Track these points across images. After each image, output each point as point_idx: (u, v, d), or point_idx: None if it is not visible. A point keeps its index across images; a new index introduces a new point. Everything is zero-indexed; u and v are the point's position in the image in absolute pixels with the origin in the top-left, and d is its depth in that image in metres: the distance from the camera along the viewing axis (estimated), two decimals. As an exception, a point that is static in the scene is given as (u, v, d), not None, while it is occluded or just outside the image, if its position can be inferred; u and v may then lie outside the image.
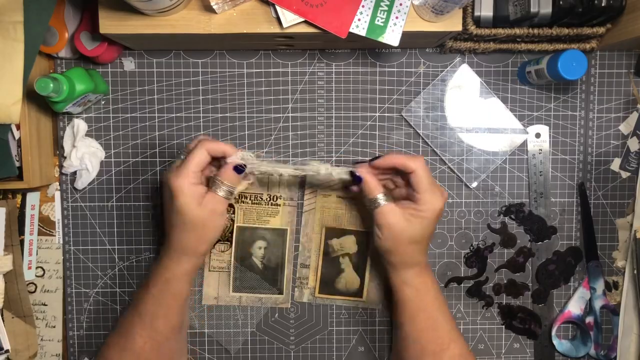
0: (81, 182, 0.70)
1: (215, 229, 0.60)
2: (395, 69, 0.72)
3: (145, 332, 0.60)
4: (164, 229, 0.61)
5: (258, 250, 0.72)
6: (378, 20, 0.58)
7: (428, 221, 0.59)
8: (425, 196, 0.58)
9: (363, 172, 0.60)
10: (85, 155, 0.69)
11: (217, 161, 0.61)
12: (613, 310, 0.73)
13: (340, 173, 0.62)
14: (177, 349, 0.64)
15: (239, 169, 0.59)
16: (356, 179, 0.61)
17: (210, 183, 0.60)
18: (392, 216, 0.59)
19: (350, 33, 0.58)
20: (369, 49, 0.71)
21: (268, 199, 0.71)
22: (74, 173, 0.71)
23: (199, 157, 0.57)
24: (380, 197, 0.59)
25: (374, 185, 0.60)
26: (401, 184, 0.63)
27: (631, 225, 0.72)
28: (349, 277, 0.72)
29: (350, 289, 0.72)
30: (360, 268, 0.72)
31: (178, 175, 0.56)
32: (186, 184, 0.56)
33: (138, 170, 0.71)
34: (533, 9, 0.61)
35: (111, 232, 0.72)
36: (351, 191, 0.66)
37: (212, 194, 0.58)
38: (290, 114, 0.72)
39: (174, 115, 0.71)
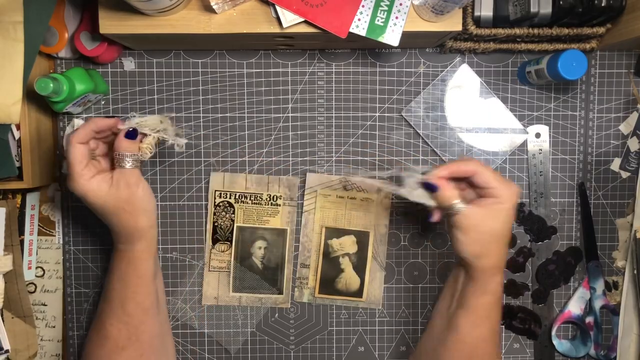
0: (81, 182, 0.70)
1: (142, 198, 0.58)
2: (395, 69, 0.72)
3: (117, 319, 0.60)
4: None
5: (258, 250, 0.72)
6: (378, 20, 0.58)
7: (508, 211, 0.56)
8: (499, 186, 0.56)
9: (436, 180, 0.58)
10: (85, 155, 0.69)
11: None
12: (613, 310, 0.73)
13: (419, 195, 0.59)
14: (157, 333, 0.62)
15: (130, 134, 0.58)
16: (432, 188, 0.58)
17: (114, 160, 0.58)
18: (475, 217, 0.56)
19: (350, 33, 0.58)
20: (369, 49, 0.71)
21: (268, 199, 0.71)
22: (74, 173, 0.71)
23: (75, 153, 0.56)
24: (458, 203, 0.57)
25: (450, 192, 0.57)
26: (465, 188, 0.60)
27: (631, 225, 0.72)
28: (348, 277, 0.72)
29: (350, 289, 0.72)
30: (360, 268, 0.72)
31: (71, 181, 0.56)
32: (82, 184, 0.56)
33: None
34: (533, 9, 0.61)
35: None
36: (431, 221, 0.61)
37: (119, 170, 0.57)
38: (290, 114, 0.72)
39: (174, 115, 0.71)
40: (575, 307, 0.73)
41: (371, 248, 0.72)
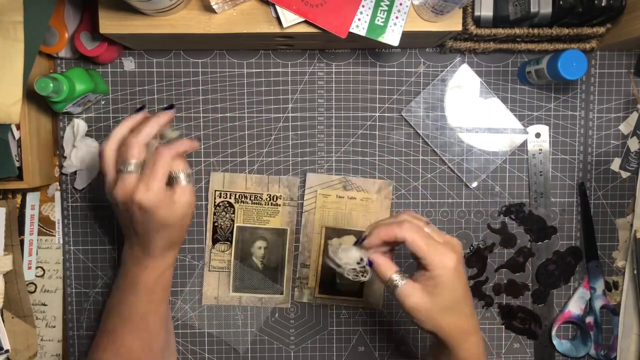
0: (81, 182, 0.70)
1: (190, 215, 0.58)
2: (395, 69, 0.72)
3: (137, 331, 0.60)
4: (127, 235, 0.59)
5: (258, 250, 0.72)
6: (378, 20, 0.58)
7: (448, 284, 0.51)
8: (431, 258, 0.50)
9: (372, 254, 0.54)
10: (86, 155, 0.69)
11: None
12: (613, 310, 0.73)
13: (349, 264, 0.55)
14: (165, 342, 0.64)
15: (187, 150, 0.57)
16: (369, 263, 0.54)
17: (170, 179, 0.56)
18: (413, 296, 0.51)
19: (350, 33, 0.58)
20: (369, 49, 0.71)
21: (268, 199, 0.71)
22: (74, 173, 0.71)
23: (165, 167, 0.54)
24: (395, 278, 0.52)
25: (385, 267, 0.53)
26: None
27: (631, 225, 0.72)
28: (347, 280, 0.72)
29: (350, 289, 0.72)
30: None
31: (148, 190, 0.53)
32: (159, 195, 0.53)
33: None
34: (533, 9, 0.61)
35: (111, 232, 0.72)
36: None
37: (180, 187, 0.55)
38: (290, 114, 0.72)
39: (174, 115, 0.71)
40: (575, 307, 0.73)
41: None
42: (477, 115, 0.72)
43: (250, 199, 0.71)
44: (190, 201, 0.56)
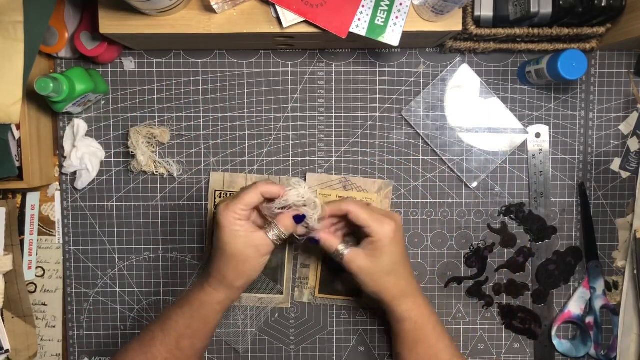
0: (81, 182, 0.70)
1: (254, 267, 0.59)
2: (395, 69, 0.72)
3: (168, 350, 0.59)
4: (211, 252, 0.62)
5: (258, 250, 0.72)
6: (378, 20, 0.58)
7: (387, 247, 0.60)
8: (372, 226, 0.59)
9: (318, 233, 0.62)
10: (85, 155, 0.69)
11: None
12: (613, 310, 0.73)
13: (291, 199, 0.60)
14: None
15: (298, 218, 0.59)
16: (313, 242, 0.62)
17: (265, 222, 0.61)
18: (357, 260, 0.60)
19: (350, 33, 0.58)
20: (369, 49, 0.71)
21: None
22: (74, 173, 0.71)
23: (250, 198, 0.58)
24: (341, 248, 0.61)
25: (330, 242, 0.61)
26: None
27: (631, 225, 0.72)
28: (349, 277, 0.72)
29: (350, 289, 0.72)
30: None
31: (226, 209, 0.58)
32: (230, 218, 0.57)
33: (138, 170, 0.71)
34: (533, 9, 0.61)
35: (111, 232, 0.72)
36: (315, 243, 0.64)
37: (262, 233, 0.59)
38: (290, 114, 0.72)
39: (174, 115, 0.71)
40: (575, 307, 0.73)
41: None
42: (477, 115, 0.72)
43: (250, 199, 0.71)
44: (260, 249, 0.58)
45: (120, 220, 0.72)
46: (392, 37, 0.59)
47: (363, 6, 0.58)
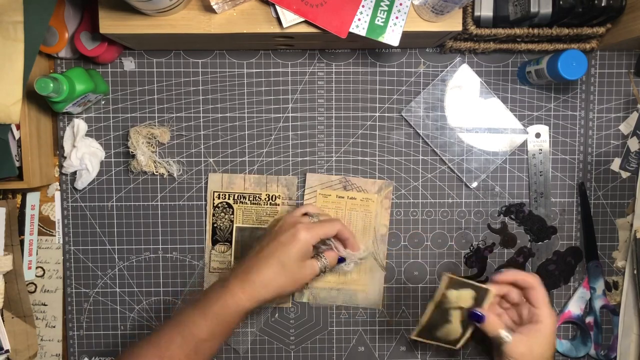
0: (81, 182, 0.70)
1: (290, 290, 0.61)
2: (395, 69, 0.72)
3: (185, 352, 0.57)
4: (237, 265, 0.61)
5: (258, 250, 0.72)
6: (378, 20, 0.58)
7: (549, 335, 0.59)
8: (545, 311, 0.59)
9: (485, 311, 0.60)
10: (85, 155, 0.69)
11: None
12: (613, 310, 0.73)
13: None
14: None
15: (341, 259, 0.65)
16: (478, 319, 0.61)
17: (315, 252, 0.63)
18: (521, 346, 0.59)
19: (350, 33, 0.58)
20: (369, 49, 0.71)
21: (267, 199, 0.71)
22: (74, 173, 0.71)
23: (331, 231, 0.62)
24: (504, 334, 0.59)
25: (495, 324, 0.60)
26: (513, 301, 0.63)
27: (631, 225, 0.72)
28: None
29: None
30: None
31: (308, 231, 0.60)
32: (309, 239, 0.60)
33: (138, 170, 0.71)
34: (533, 9, 0.61)
35: (111, 232, 0.72)
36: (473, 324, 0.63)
37: (314, 261, 0.62)
38: (290, 114, 0.72)
39: (174, 115, 0.71)
40: (575, 307, 0.73)
41: (370, 247, 0.72)
42: (477, 115, 0.72)
43: (249, 199, 0.71)
44: (306, 275, 0.61)
45: (120, 220, 0.72)
46: (392, 37, 0.59)
47: (363, 6, 0.58)
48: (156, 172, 0.71)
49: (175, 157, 0.71)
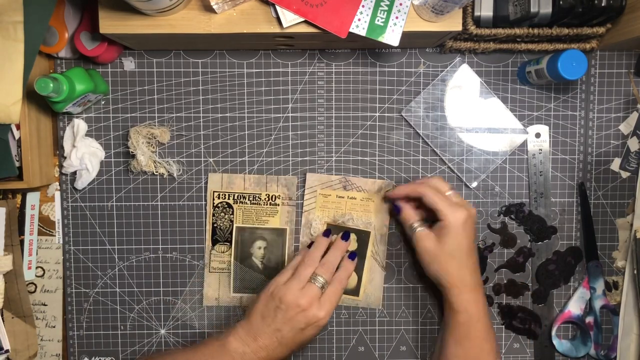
0: (81, 182, 0.70)
1: (300, 342, 0.61)
2: (395, 69, 0.72)
3: None
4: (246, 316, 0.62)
5: (258, 250, 0.72)
6: (378, 20, 0.58)
7: (454, 232, 0.61)
8: (444, 210, 0.62)
9: (401, 203, 0.67)
10: (85, 155, 0.69)
11: None
12: (613, 310, 0.73)
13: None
14: None
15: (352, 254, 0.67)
16: (395, 210, 0.68)
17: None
18: (425, 240, 0.63)
19: (350, 33, 0.58)
20: (369, 49, 0.71)
21: (267, 199, 0.71)
22: (74, 173, 0.71)
23: (342, 287, 0.63)
24: (415, 224, 0.65)
25: (409, 214, 0.66)
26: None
27: (631, 225, 0.72)
28: None
29: (347, 287, 0.72)
30: (358, 266, 0.72)
31: (328, 312, 0.60)
32: (328, 315, 0.60)
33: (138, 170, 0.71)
34: (533, 9, 0.61)
35: (111, 232, 0.72)
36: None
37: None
38: (290, 114, 0.72)
39: (174, 115, 0.71)
40: (575, 307, 0.73)
41: (370, 247, 0.72)
42: (477, 115, 0.72)
43: (248, 199, 0.71)
44: (316, 329, 0.61)
45: (120, 220, 0.72)
46: (392, 37, 0.59)
47: (363, 6, 0.58)
48: (156, 172, 0.71)
49: (175, 157, 0.71)
